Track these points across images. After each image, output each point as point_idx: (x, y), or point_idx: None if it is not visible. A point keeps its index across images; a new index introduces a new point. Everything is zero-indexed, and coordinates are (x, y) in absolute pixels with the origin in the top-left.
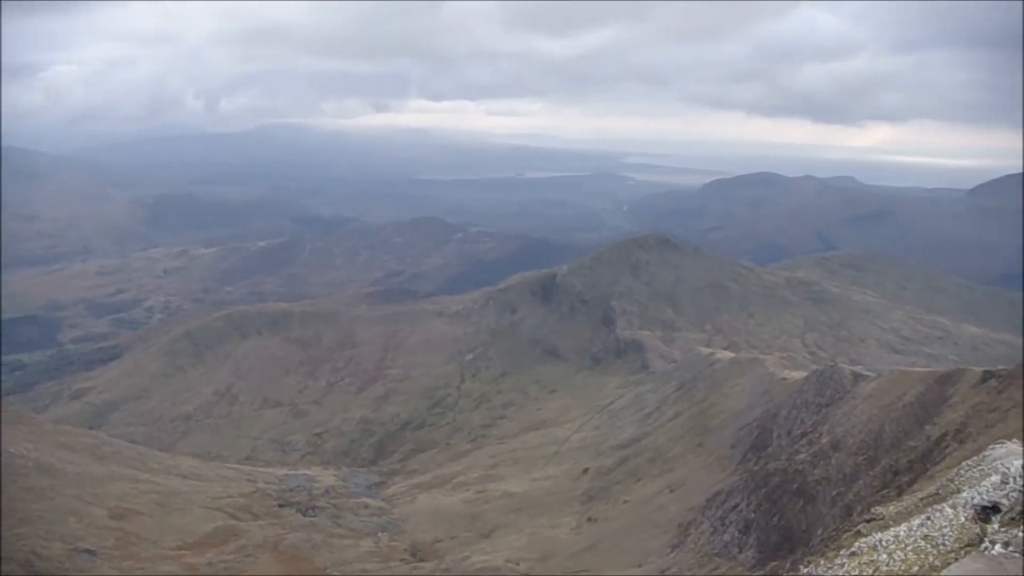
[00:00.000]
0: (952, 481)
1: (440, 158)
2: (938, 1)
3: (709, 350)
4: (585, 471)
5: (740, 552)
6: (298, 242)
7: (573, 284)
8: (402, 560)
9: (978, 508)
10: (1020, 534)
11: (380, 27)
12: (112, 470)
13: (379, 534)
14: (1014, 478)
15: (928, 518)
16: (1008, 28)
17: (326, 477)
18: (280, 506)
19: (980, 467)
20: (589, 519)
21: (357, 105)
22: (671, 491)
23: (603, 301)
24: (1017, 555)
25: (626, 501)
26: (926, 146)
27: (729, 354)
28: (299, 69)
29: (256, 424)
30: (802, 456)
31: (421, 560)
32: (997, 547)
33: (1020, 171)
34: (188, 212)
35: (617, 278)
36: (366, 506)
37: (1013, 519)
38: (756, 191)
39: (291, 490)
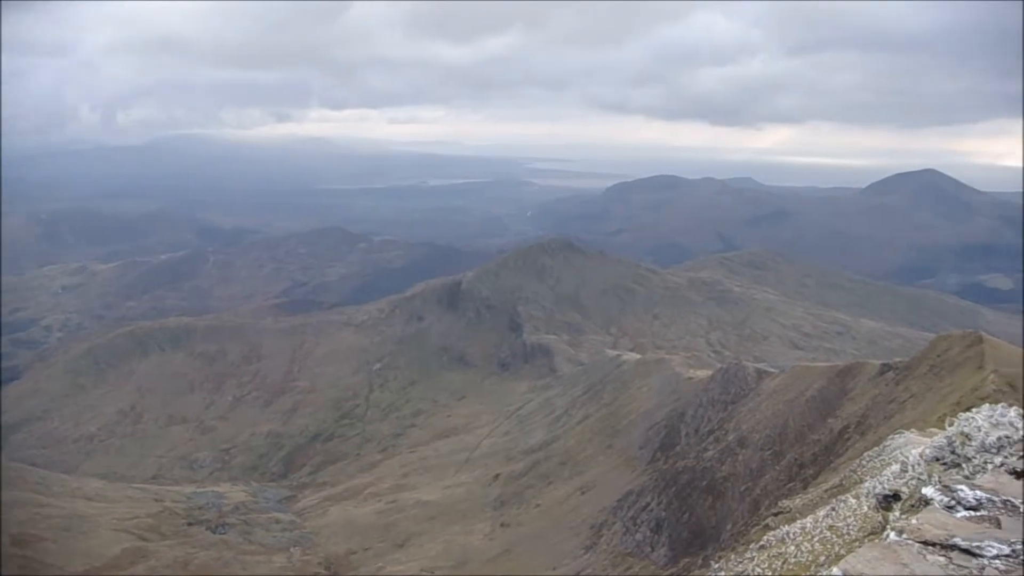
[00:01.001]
0: (855, 472)
1: (343, 167)
2: (830, 4)
3: (616, 352)
4: (497, 477)
5: (653, 551)
6: (200, 255)
7: (479, 290)
8: (316, 574)
9: (880, 497)
10: (914, 521)
11: (280, 36)
12: (14, 495)
13: (291, 549)
14: (913, 466)
15: (833, 509)
16: (898, 31)
17: (235, 493)
18: (189, 525)
19: (881, 457)
20: (502, 524)
21: (258, 115)
22: (583, 493)
23: (509, 306)
24: (911, 542)
25: (538, 505)
26: (822, 146)
27: (635, 355)
28: (197, 79)
29: (162, 442)
30: (710, 453)
31: (335, 573)
32: (891, 535)
33: (909, 169)
34: (85, 227)
35: (523, 283)
36: (277, 521)
37: (913, 506)
38: (657, 194)
39: (200, 508)
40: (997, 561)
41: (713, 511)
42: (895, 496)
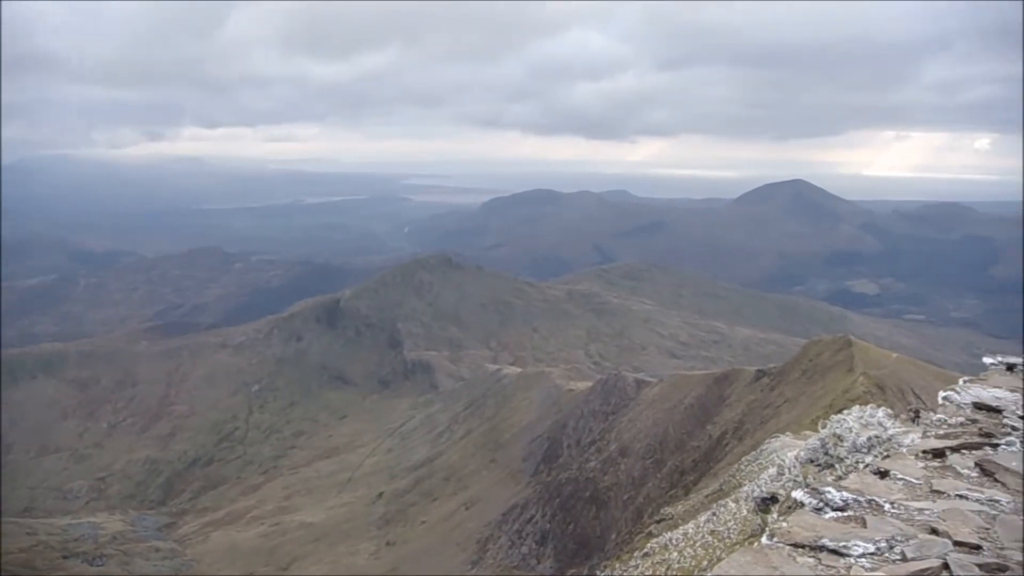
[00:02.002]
0: (734, 476)
1: (217, 187)
2: (699, 20)
3: (496, 366)
4: (380, 495)
5: (539, 563)
6: (71, 279)
7: (358, 308)
8: None
9: (758, 500)
10: (784, 525)
11: (151, 54)
12: None
13: None
14: (789, 469)
15: (714, 514)
16: (765, 46)
17: (113, 523)
18: (64, 558)
19: (758, 461)
20: (388, 543)
21: (129, 134)
22: (467, 508)
23: (389, 324)
24: (781, 545)
25: (423, 522)
26: (694, 159)
27: (516, 369)
28: (66, 98)
29: (33, 473)
30: (592, 464)
31: None
32: (763, 538)
33: (779, 180)
34: None
35: (402, 300)
36: (157, 550)
37: (790, 508)
38: (534, 208)
39: (75, 540)
40: (863, 559)
41: (597, 521)
42: (773, 499)
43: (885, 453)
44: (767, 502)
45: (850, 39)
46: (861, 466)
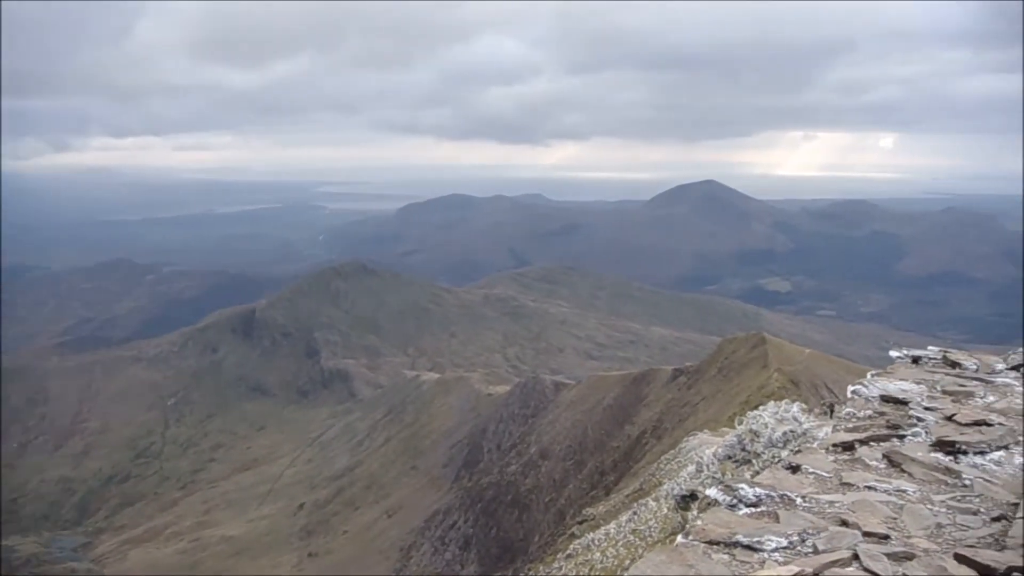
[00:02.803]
0: (654, 475)
1: (127, 197)
2: (609, 24)
3: (414, 373)
4: (302, 506)
5: (463, 568)
6: None
7: (274, 318)
8: None
9: (678, 498)
10: (699, 523)
11: (56, 62)
12: None
13: None
14: (707, 466)
15: (635, 513)
16: (675, 50)
17: (26, 545)
18: None
19: (677, 459)
20: (310, 554)
21: (34, 145)
22: (389, 516)
23: (306, 332)
24: (696, 543)
25: (345, 532)
26: (607, 161)
27: (434, 375)
28: None
29: None
30: (513, 468)
31: None
32: (679, 537)
33: (691, 181)
34: None
35: (318, 308)
36: (73, 571)
37: (710, 504)
38: (449, 213)
39: None
40: (776, 554)
41: (520, 524)
42: (692, 496)
43: (798, 448)
44: (687, 499)
45: (757, 42)
46: (777, 461)
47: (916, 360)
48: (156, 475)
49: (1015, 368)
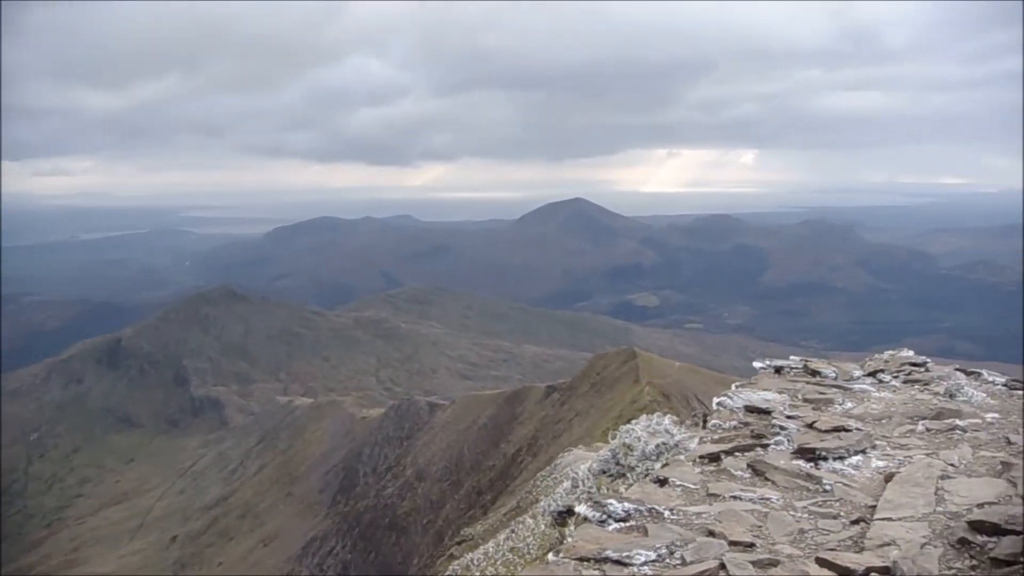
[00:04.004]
0: (530, 493)
1: None
2: (474, 45)
3: (287, 398)
4: (174, 539)
5: None
6: None
7: (140, 346)
8: None
9: (555, 514)
10: (569, 540)
11: None
12: None
13: None
14: (583, 481)
15: (512, 531)
16: (540, 70)
17: None
18: None
19: (553, 475)
20: None
21: None
22: (265, 545)
23: (174, 360)
24: (567, 560)
25: (220, 563)
26: (476, 181)
27: (307, 400)
28: None
29: None
30: (390, 491)
31: None
32: (550, 555)
33: (559, 199)
34: None
35: (186, 335)
36: None
37: (586, 519)
38: (318, 236)
39: None
40: (646, 567)
41: (398, 547)
42: (568, 512)
43: (666, 461)
44: (563, 516)
45: (621, 62)
46: (652, 473)
47: (778, 370)
48: (19, 514)
49: (871, 374)
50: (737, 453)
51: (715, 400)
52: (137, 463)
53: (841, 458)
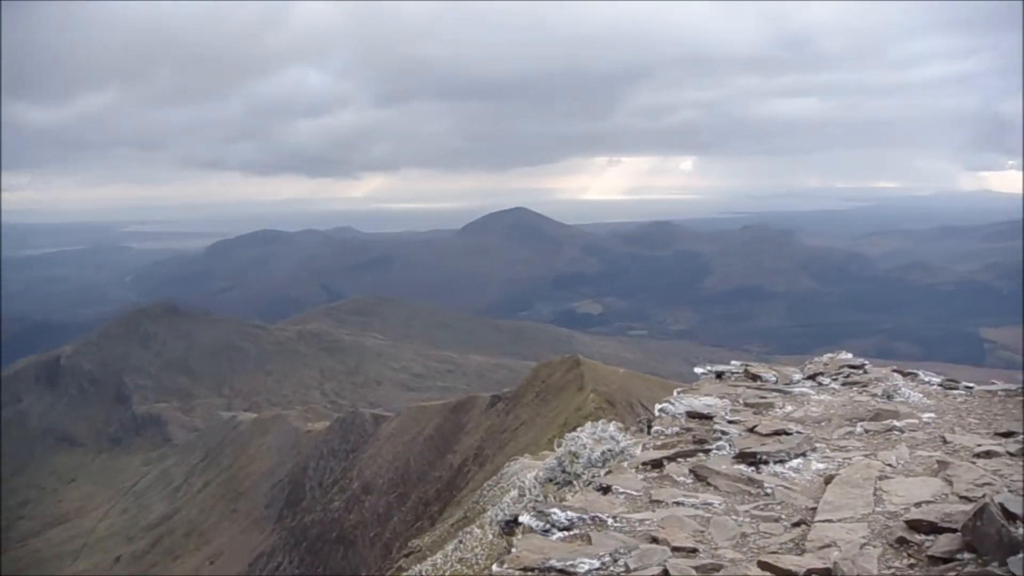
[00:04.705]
0: (477, 503)
1: None
2: (413, 54)
3: (231, 414)
4: (118, 559)
5: None
6: None
7: (80, 364)
8: None
9: (502, 523)
10: (513, 550)
11: None
12: None
13: None
14: (529, 490)
15: (461, 541)
16: (479, 79)
17: None
18: None
19: (500, 485)
20: None
21: None
22: (212, 563)
23: (115, 378)
24: (512, 571)
25: None
26: (417, 192)
27: (251, 415)
28: None
29: None
30: (336, 504)
31: None
32: (495, 566)
33: (501, 209)
34: None
35: (127, 352)
36: None
37: (531, 529)
38: (260, 249)
39: None
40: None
41: (347, 561)
42: (515, 521)
43: (610, 469)
44: (511, 525)
45: (560, 70)
46: (597, 480)
47: (720, 375)
48: None
49: (811, 377)
50: (679, 459)
51: (657, 406)
52: (79, 483)
53: (782, 461)
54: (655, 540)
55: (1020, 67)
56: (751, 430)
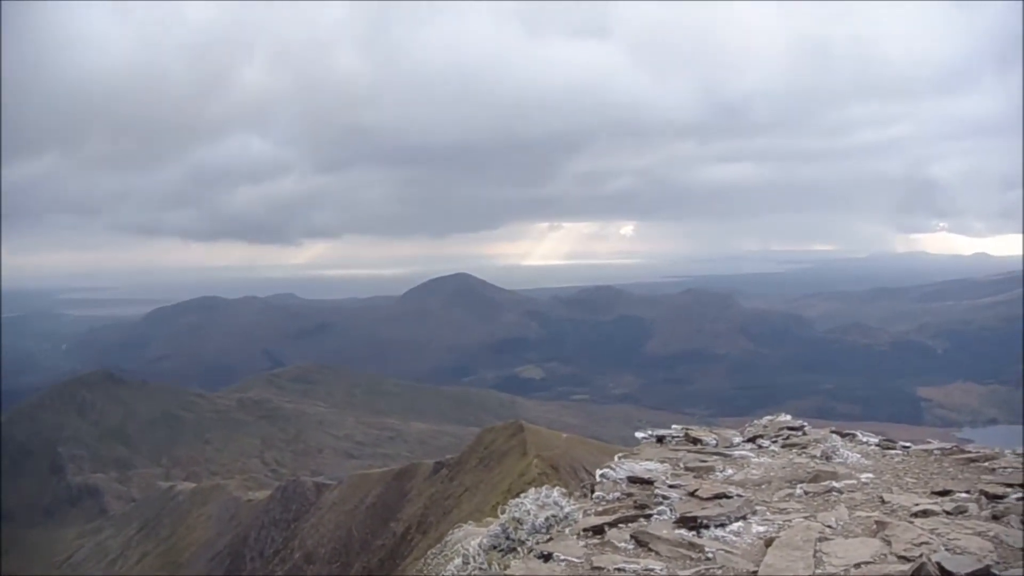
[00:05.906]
0: (421, 571)
1: None
2: (355, 122)
3: (169, 484)
4: None
5: None
6: None
7: (13, 435)
8: None
9: None
10: None
11: None
12: None
13: None
14: (473, 557)
15: None
16: (419, 146)
17: None
18: None
19: (444, 553)
20: None
21: None
22: None
23: (49, 448)
24: None
25: None
26: (359, 258)
27: (190, 484)
28: None
29: None
30: (278, 575)
31: None
32: None
33: (442, 274)
34: None
35: (62, 422)
36: None
37: None
38: (199, 316)
39: None
40: None
41: None
42: None
43: (550, 536)
44: None
45: (501, 138)
46: (535, 549)
47: (661, 439)
48: None
49: (751, 440)
50: (621, 524)
51: (598, 472)
52: (10, 557)
53: (722, 525)
54: None
55: (939, 133)
56: (692, 494)
